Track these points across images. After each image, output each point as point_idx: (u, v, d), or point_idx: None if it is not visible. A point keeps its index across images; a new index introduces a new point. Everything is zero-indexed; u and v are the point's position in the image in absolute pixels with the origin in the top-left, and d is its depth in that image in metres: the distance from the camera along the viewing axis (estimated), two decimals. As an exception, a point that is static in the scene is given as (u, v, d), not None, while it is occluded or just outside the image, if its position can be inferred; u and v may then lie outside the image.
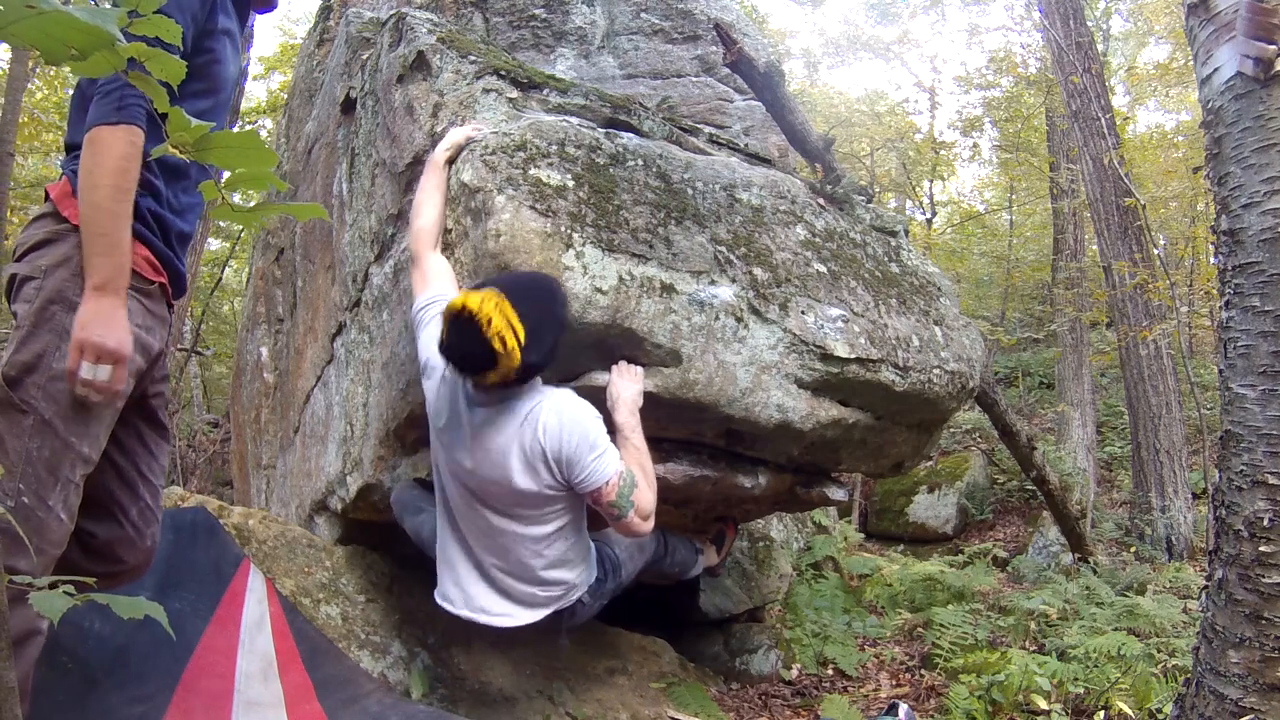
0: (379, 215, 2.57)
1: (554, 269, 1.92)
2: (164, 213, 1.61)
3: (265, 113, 11.30)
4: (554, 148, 2.09)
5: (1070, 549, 5.80)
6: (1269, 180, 1.89)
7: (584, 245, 1.97)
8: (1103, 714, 2.79)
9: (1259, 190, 1.91)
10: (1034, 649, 3.63)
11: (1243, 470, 1.93)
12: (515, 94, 2.40)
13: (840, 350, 2.29)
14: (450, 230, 2.09)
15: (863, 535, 7.26)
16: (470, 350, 1.69)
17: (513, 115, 2.28)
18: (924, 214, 15.20)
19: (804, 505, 3.08)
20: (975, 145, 14.50)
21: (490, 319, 1.64)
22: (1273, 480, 1.86)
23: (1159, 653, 3.26)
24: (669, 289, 2.07)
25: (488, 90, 2.35)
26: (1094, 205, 7.44)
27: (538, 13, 4.39)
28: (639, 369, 2.05)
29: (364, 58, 2.92)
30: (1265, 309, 1.90)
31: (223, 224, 9.68)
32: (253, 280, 5.12)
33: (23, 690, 1.40)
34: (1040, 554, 6.41)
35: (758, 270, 2.26)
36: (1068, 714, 2.80)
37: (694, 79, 4.53)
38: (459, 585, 2.03)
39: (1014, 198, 14.56)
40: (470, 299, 1.66)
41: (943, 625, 3.73)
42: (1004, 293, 13.85)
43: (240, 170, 0.88)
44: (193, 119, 0.82)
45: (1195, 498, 6.81)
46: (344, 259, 2.89)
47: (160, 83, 0.80)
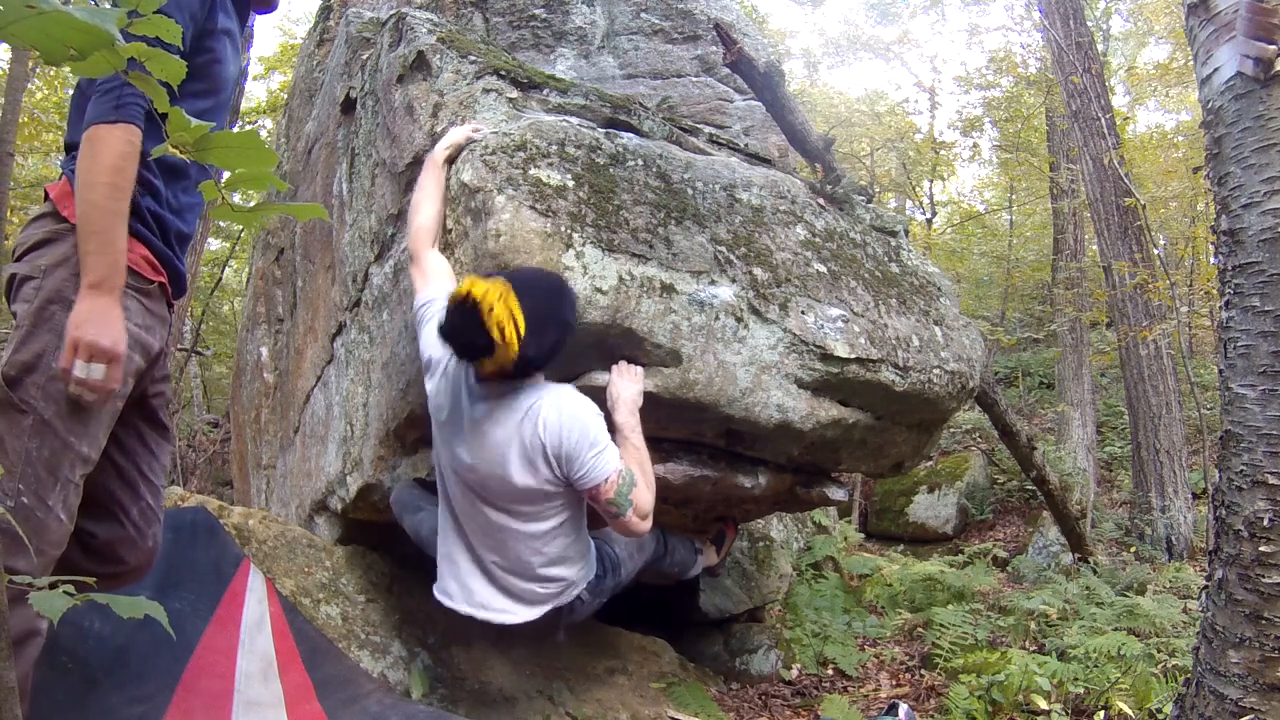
0: (379, 215, 2.57)
1: (554, 269, 1.92)
2: (163, 212, 1.61)
3: (265, 113, 11.30)
4: (554, 148, 2.09)
5: (1070, 549, 5.80)
6: (1269, 180, 1.89)
7: (584, 245, 1.97)
8: (1103, 714, 2.79)
9: (1259, 190, 1.91)
10: (1034, 649, 3.63)
11: (1243, 470, 1.93)
12: (515, 94, 2.40)
13: (840, 350, 2.29)
14: (450, 230, 2.09)
15: (863, 535, 7.25)
16: (469, 336, 1.70)
17: (513, 115, 2.28)
18: (924, 214, 15.20)
19: (804, 505, 3.08)
20: (975, 145, 14.52)
21: (492, 307, 1.65)
22: (1273, 480, 1.86)
23: (1159, 653, 3.26)
24: (669, 289, 2.07)
25: (488, 90, 2.35)
26: (1094, 205, 7.44)
27: (538, 13, 4.39)
28: (639, 369, 2.06)
29: (364, 58, 2.92)
30: (1265, 309, 1.90)
31: (223, 224, 9.68)
32: (253, 280, 5.12)
33: (23, 690, 1.40)
34: (1040, 554, 6.40)
35: (758, 270, 2.25)
36: (1068, 714, 2.80)
37: (694, 79, 4.53)
38: (459, 581, 2.04)
39: (1014, 198, 14.56)
40: (476, 286, 1.67)
41: (943, 625, 3.73)
42: (1004, 293, 13.84)
43: (240, 170, 0.88)
44: (193, 119, 0.82)
45: (1195, 498, 6.81)
46: (344, 259, 2.89)
47: (160, 83, 0.80)
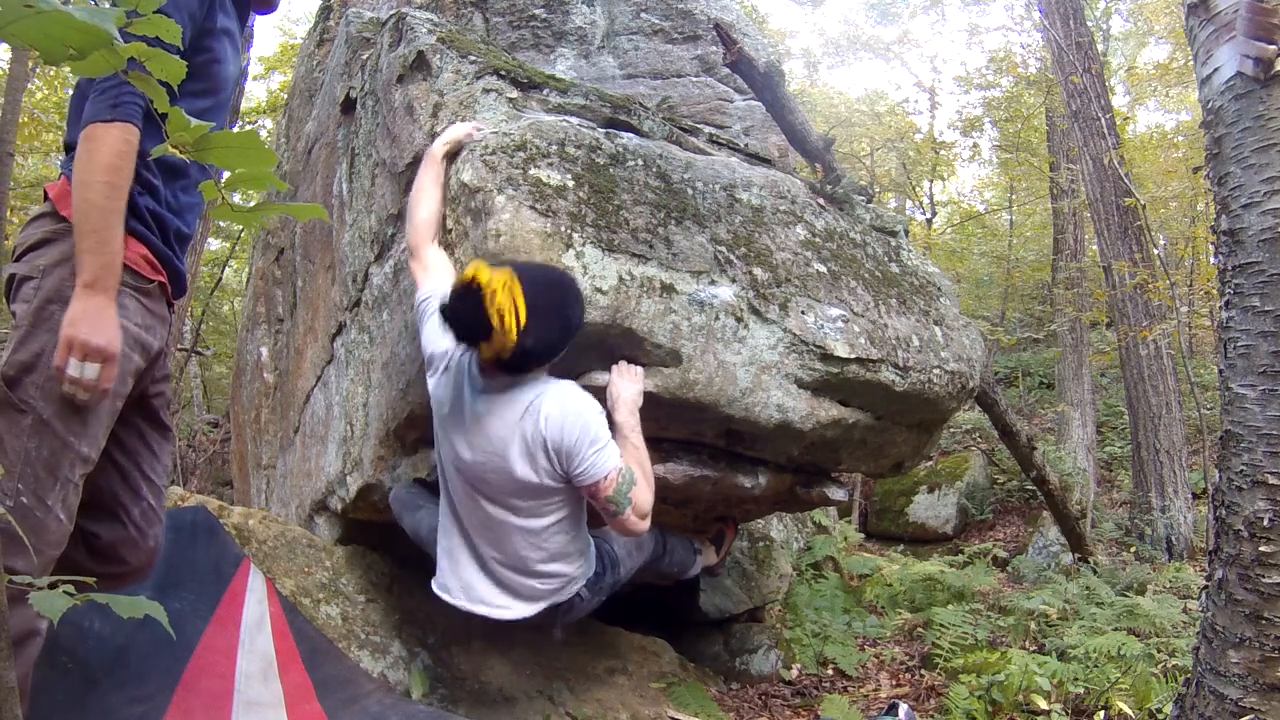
0: (379, 215, 2.57)
1: (554, 269, 1.92)
2: (162, 212, 1.61)
3: (265, 113, 11.30)
4: (554, 148, 2.09)
5: (1070, 549, 5.80)
6: (1269, 180, 1.89)
7: (584, 245, 1.97)
8: (1103, 714, 2.79)
9: (1259, 190, 1.91)
10: (1034, 649, 3.63)
11: (1243, 470, 1.93)
12: (515, 94, 2.40)
13: (840, 350, 2.29)
14: (450, 230, 2.09)
15: (863, 535, 7.25)
16: (468, 318, 1.70)
17: (513, 115, 2.28)
18: (924, 214, 15.20)
19: (804, 505, 3.08)
20: (975, 145, 14.52)
21: (495, 293, 1.65)
22: (1273, 480, 1.86)
23: (1159, 653, 3.26)
24: (669, 289, 2.07)
25: (488, 90, 2.35)
26: (1094, 205, 7.44)
27: (538, 13, 4.39)
28: (639, 369, 2.06)
29: (364, 58, 2.92)
30: (1265, 309, 1.90)
31: (223, 224, 9.67)
32: (253, 280, 5.12)
33: (23, 690, 1.40)
34: (1040, 554, 6.40)
35: (758, 270, 2.25)
36: (1068, 714, 2.80)
37: (694, 79, 4.53)
38: (458, 576, 2.04)
39: (1014, 198, 14.56)
40: (483, 271, 1.68)
41: (943, 625, 3.73)
42: (1004, 293, 13.84)
43: (240, 170, 0.88)
44: (192, 119, 0.82)
45: (1195, 498, 6.81)
46: (344, 259, 2.89)
47: (160, 82, 0.80)
